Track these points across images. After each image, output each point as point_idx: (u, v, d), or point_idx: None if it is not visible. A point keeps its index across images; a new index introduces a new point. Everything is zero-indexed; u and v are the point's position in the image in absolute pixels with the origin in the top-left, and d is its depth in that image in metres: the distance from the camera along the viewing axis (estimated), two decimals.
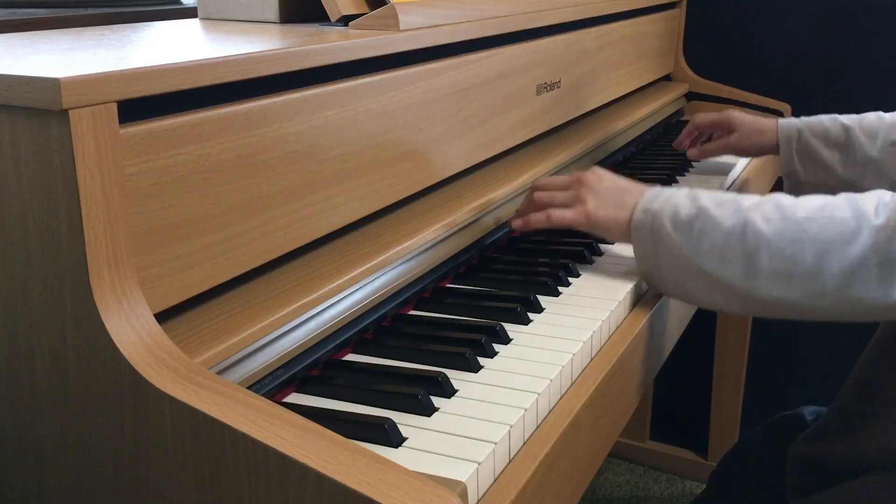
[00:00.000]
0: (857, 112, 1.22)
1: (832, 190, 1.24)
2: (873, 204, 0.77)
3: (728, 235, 0.80)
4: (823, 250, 0.76)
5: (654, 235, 0.85)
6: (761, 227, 0.79)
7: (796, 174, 1.24)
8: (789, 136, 1.24)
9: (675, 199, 0.85)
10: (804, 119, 1.24)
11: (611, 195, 0.91)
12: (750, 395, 1.88)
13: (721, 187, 1.29)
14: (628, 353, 0.81)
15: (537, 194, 0.94)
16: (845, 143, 1.19)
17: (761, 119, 1.30)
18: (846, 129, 1.19)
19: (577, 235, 0.98)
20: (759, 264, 0.79)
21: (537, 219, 0.91)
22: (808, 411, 1.07)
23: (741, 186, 1.34)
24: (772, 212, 0.79)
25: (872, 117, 1.19)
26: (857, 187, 1.21)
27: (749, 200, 0.82)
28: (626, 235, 0.88)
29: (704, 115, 1.36)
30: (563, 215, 0.91)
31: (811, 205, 0.79)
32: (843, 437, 0.89)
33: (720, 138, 1.34)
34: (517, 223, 0.96)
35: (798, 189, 1.27)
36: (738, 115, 1.31)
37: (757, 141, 1.28)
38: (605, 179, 0.93)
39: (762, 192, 1.51)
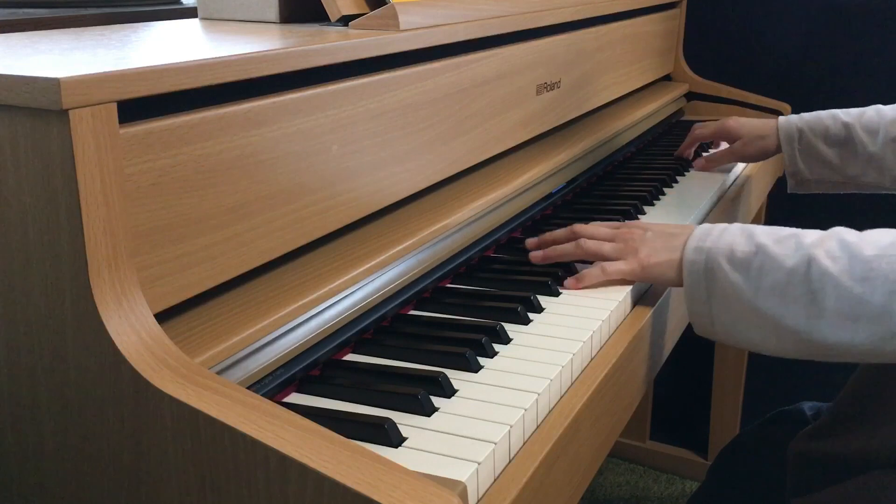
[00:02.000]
0: None
1: (836, 186, 1.25)
2: None
3: (790, 274, 0.76)
4: (893, 290, 0.73)
5: (707, 274, 0.81)
6: (827, 266, 0.75)
7: (800, 172, 1.25)
8: (790, 136, 1.24)
9: (729, 235, 0.82)
10: (804, 117, 1.25)
11: (660, 241, 0.88)
12: (750, 395, 1.88)
13: (722, 186, 1.29)
14: (628, 353, 0.81)
15: (584, 243, 0.91)
16: (846, 141, 1.20)
17: (760, 122, 1.31)
18: (846, 126, 1.20)
19: None
20: (823, 305, 0.75)
21: (593, 274, 0.88)
22: (808, 406, 1.07)
23: (742, 185, 1.34)
24: (836, 249, 0.76)
25: (872, 112, 1.20)
26: (860, 182, 1.22)
27: (810, 237, 0.78)
28: (679, 277, 0.85)
29: (702, 128, 1.37)
30: (619, 268, 0.88)
31: (880, 241, 0.75)
32: (846, 435, 0.89)
33: (717, 146, 1.35)
34: (537, 255, 0.93)
35: (802, 186, 1.27)
36: (735, 122, 1.32)
37: (760, 146, 1.29)
38: (651, 227, 0.91)
39: (760, 195, 1.52)
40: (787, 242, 0.78)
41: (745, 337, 0.80)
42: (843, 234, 0.78)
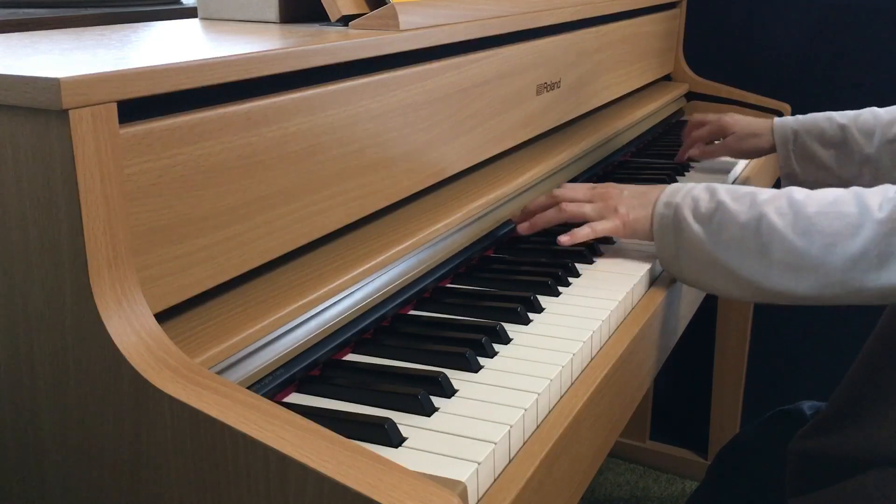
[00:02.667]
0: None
1: (831, 188, 1.25)
2: (878, 199, 0.81)
3: (743, 229, 0.84)
4: (829, 243, 0.81)
5: (675, 227, 0.89)
6: (775, 221, 0.83)
7: (794, 174, 1.25)
8: (785, 137, 1.24)
9: (695, 192, 0.90)
10: (799, 118, 1.24)
11: (635, 199, 0.95)
12: (750, 394, 1.88)
13: None
14: (628, 353, 0.81)
15: (567, 205, 0.97)
16: (841, 143, 1.20)
17: (755, 120, 1.31)
18: (842, 128, 1.19)
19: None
20: (771, 257, 0.83)
21: (584, 233, 0.95)
22: (808, 406, 1.07)
23: (742, 185, 1.34)
24: (785, 206, 0.84)
25: (868, 115, 1.19)
26: (856, 185, 1.21)
27: (764, 194, 0.86)
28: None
29: (699, 130, 1.37)
30: (605, 226, 0.95)
31: (822, 200, 0.83)
32: (844, 431, 0.89)
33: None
34: (524, 226, 0.99)
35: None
36: (731, 119, 1.32)
37: (752, 143, 1.29)
38: (625, 187, 0.98)
39: None
40: (743, 200, 0.86)
41: (710, 284, 0.89)
42: (793, 192, 0.86)
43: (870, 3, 1.64)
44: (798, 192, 0.85)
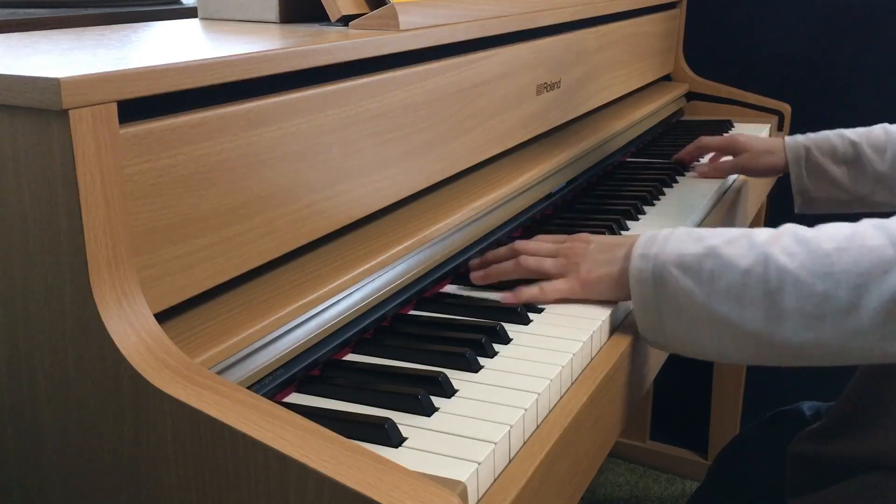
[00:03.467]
0: (859, 114, 1.23)
1: (844, 205, 1.25)
2: None
3: (746, 275, 0.72)
4: (860, 283, 0.69)
5: (656, 282, 0.77)
6: (784, 263, 0.71)
7: (807, 191, 1.25)
8: (797, 155, 1.25)
9: (675, 240, 0.78)
10: (811, 136, 1.25)
11: (601, 255, 0.84)
12: (750, 395, 1.88)
13: (721, 187, 1.29)
14: (628, 354, 0.81)
15: (524, 259, 0.87)
16: (854, 160, 1.20)
17: (768, 139, 1.32)
18: (854, 144, 1.20)
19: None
20: (783, 305, 0.71)
21: (530, 293, 0.84)
22: (807, 406, 1.07)
23: (741, 186, 1.34)
24: (793, 245, 0.72)
25: (879, 131, 1.20)
26: (870, 201, 1.22)
27: (762, 235, 0.75)
28: (624, 289, 0.81)
29: (711, 138, 1.36)
30: (557, 287, 0.84)
31: (837, 234, 0.72)
32: (846, 437, 0.89)
33: (718, 159, 1.35)
34: (477, 276, 0.89)
35: (809, 205, 1.28)
36: (744, 137, 1.32)
37: (768, 161, 1.28)
38: (592, 241, 0.86)
39: (759, 196, 1.52)
40: (738, 242, 0.75)
41: (700, 346, 0.76)
42: (796, 229, 0.74)
43: (870, 3, 1.64)
44: (801, 229, 0.74)
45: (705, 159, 1.40)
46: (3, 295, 0.57)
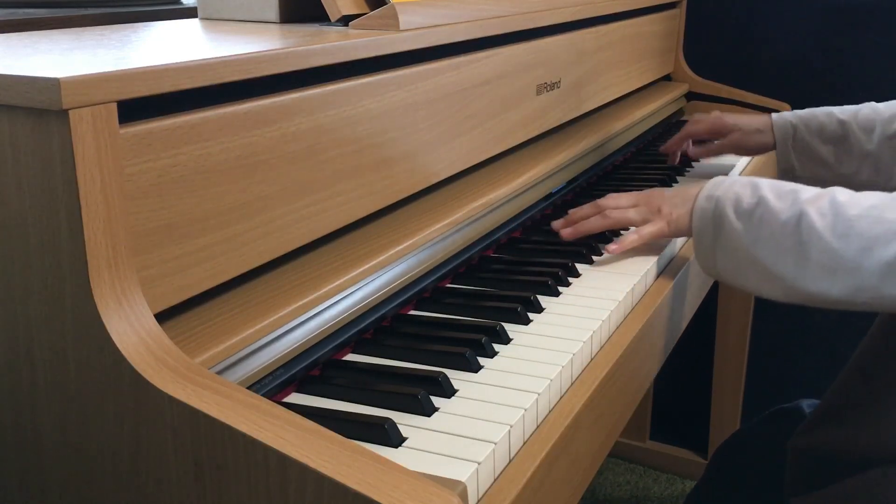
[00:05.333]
0: None
1: (826, 184, 1.24)
2: None
3: (783, 226, 0.83)
4: (866, 247, 0.79)
5: (715, 220, 0.88)
6: (814, 221, 0.82)
7: (792, 169, 1.24)
8: (785, 132, 1.24)
9: (737, 186, 0.89)
10: (798, 113, 1.24)
11: (678, 196, 0.96)
12: (750, 394, 1.88)
13: None
14: (628, 353, 0.81)
15: (611, 212, 0.98)
16: (841, 138, 1.19)
17: (756, 117, 1.30)
18: (842, 123, 1.19)
19: None
20: (808, 256, 0.81)
21: (630, 239, 0.96)
22: (807, 404, 1.07)
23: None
24: (826, 207, 0.82)
25: (868, 110, 1.19)
26: (854, 181, 1.21)
27: (807, 192, 0.85)
28: None
29: (697, 124, 1.35)
30: (650, 230, 0.96)
31: (864, 203, 0.81)
32: (842, 427, 0.89)
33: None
34: (567, 231, 1.00)
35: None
36: (731, 117, 1.31)
37: (759, 140, 1.28)
38: (666, 189, 0.99)
39: None
40: (786, 197, 0.85)
41: (742, 279, 0.88)
42: (836, 193, 0.83)
43: (869, 3, 1.64)
44: (841, 193, 0.83)
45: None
46: (3, 295, 0.57)
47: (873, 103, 1.20)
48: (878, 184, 1.20)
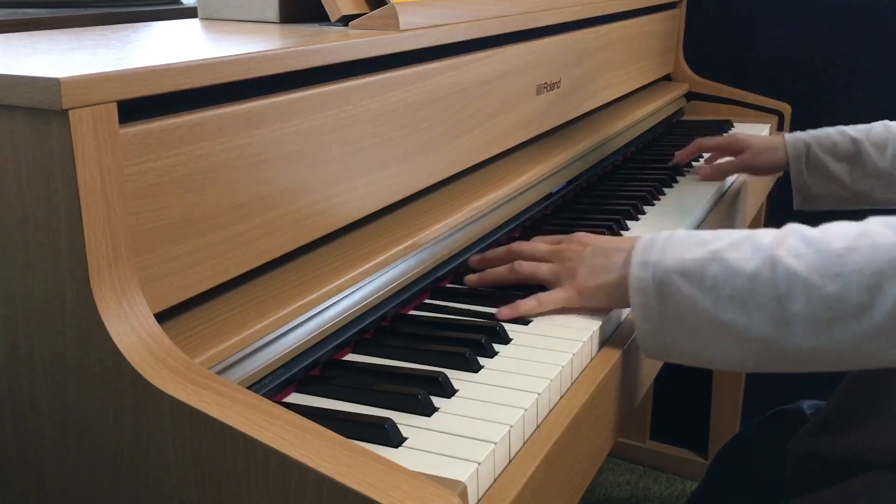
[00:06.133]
0: (859, 114, 1.23)
1: (844, 202, 1.25)
2: None
3: (752, 280, 0.70)
4: (873, 284, 0.66)
5: (657, 290, 0.74)
6: (793, 266, 0.68)
7: (807, 188, 1.25)
8: (798, 151, 1.24)
9: (676, 244, 0.75)
10: (811, 133, 1.25)
11: (598, 260, 0.81)
12: (750, 394, 1.88)
13: (721, 187, 1.29)
14: (628, 353, 0.81)
15: (519, 265, 0.86)
16: (855, 156, 1.20)
17: (768, 136, 1.31)
18: (854, 141, 1.20)
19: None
20: (792, 309, 0.68)
21: (528, 306, 0.81)
22: (808, 405, 1.07)
23: (741, 186, 1.34)
24: (800, 246, 0.69)
25: (880, 128, 1.20)
26: (870, 198, 1.22)
27: (767, 237, 0.72)
28: (623, 297, 0.78)
29: (708, 139, 1.35)
30: (554, 298, 0.82)
31: (845, 233, 0.69)
32: (845, 432, 0.89)
33: (716, 160, 1.34)
34: (472, 279, 0.88)
35: (809, 202, 1.27)
36: (743, 136, 1.31)
37: (770, 158, 1.28)
38: (589, 244, 0.84)
39: (759, 197, 1.51)
40: (742, 245, 0.72)
41: (703, 354, 0.74)
42: (801, 229, 0.72)
43: (870, 3, 1.64)
44: (806, 229, 0.72)
45: (702, 163, 1.40)
46: (3, 295, 0.57)
47: (886, 121, 1.21)
48: (894, 201, 1.20)
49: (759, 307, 0.69)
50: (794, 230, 0.72)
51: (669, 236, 0.77)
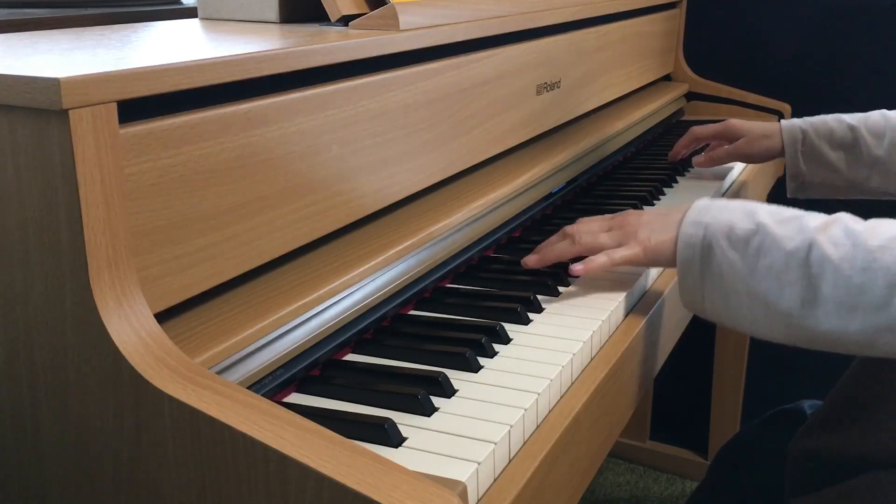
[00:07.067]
0: (859, 111, 1.22)
1: (838, 190, 1.24)
2: None
3: (789, 257, 0.75)
4: (895, 283, 0.71)
5: (703, 250, 0.79)
6: (828, 252, 0.73)
7: (801, 175, 1.24)
8: (794, 137, 1.23)
9: (729, 212, 0.80)
10: (807, 120, 1.24)
11: (657, 223, 0.86)
12: (750, 394, 1.88)
13: (721, 187, 1.29)
14: (628, 353, 0.81)
15: (582, 237, 0.89)
16: (851, 144, 1.19)
17: (763, 123, 1.30)
18: (852, 129, 1.19)
19: None
20: (820, 291, 0.73)
21: (599, 262, 0.86)
22: (808, 405, 1.07)
23: (739, 189, 1.34)
24: (840, 236, 0.74)
25: (877, 116, 1.19)
26: (864, 187, 1.21)
27: (815, 221, 0.77)
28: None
29: (703, 127, 1.34)
30: (624, 254, 0.86)
31: (885, 233, 0.73)
32: (844, 429, 0.89)
33: (719, 147, 1.33)
34: (532, 258, 0.91)
35: (803, 190, 1.27)
36: (738, 122, 1.30)
37: (765, 145, 1.27)
38: (644, 213, 0.89)
39: (760, 196, 1.51)
40: (790, 224, 0.77)
41: (734, 317, 0.79)
42: (848, 221, 0.76)
43: (869, 3, 1.64)
44: (854, 222, 0.76)
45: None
46: (3, 295, 0.57)
47: (883, 110, 1.20)
48: (888, 191, 1.20)
49: (791, 283, 0.74)
50: (841, 219, 0.76)
51: (725, 204, 0.82)
